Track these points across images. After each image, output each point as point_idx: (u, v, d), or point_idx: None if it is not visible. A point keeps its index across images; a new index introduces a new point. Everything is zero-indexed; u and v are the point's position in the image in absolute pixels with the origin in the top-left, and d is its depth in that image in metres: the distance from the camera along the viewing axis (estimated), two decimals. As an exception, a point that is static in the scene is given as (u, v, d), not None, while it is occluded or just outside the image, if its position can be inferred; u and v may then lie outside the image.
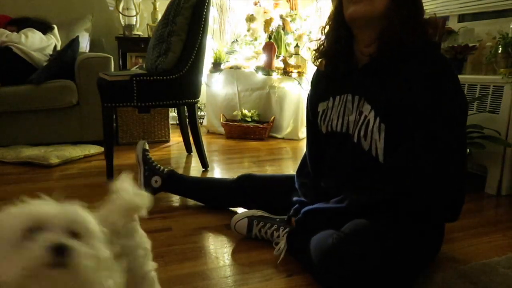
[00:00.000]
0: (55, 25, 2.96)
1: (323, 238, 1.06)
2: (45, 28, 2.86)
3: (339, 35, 1.15)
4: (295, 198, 1.33)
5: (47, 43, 2.80)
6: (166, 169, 1.72)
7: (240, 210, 1.56)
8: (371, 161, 1.10)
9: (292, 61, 3.30)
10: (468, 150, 1.87)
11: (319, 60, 1.23)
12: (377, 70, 1.10)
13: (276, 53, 3.24)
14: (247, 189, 1.52)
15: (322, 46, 1.21)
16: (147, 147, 1.78)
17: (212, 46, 3.47)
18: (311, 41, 3.27)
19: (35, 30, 2.75)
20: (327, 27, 1.19)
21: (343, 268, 0.98)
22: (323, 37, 1.21)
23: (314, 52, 1.24)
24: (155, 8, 3.38)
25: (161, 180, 1.68)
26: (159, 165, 1.73)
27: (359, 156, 1.13)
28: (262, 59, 3.28)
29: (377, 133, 1.07)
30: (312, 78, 1.34)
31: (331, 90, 1.21)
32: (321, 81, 1.28)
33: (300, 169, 1.41)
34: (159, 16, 3.14)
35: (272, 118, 3.18)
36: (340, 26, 1.14)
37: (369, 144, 1.10)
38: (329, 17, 1.19)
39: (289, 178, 1.45)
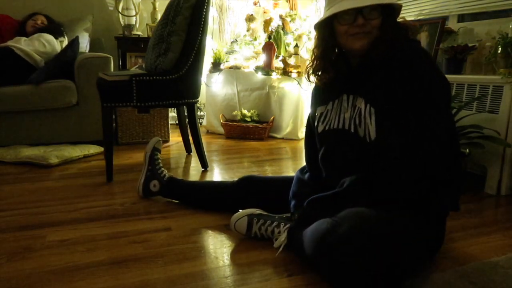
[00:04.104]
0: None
1: (319, 223, 1.08)
2: (59, 33, 2.88)
3: (333, 54, 1.26)
4: (291, 194, 1.35)
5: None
6: (167, 175, 1.72)
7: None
8: (367, 147, 1.15)
9: (291, 61, 3.30)
10: (467, 150, 1.87)
11: (316, 76, 1.31)
12: (368, 69, 1.19)
13: (275, 53, 3.24)
14: (249, 191, 1.51)
15: (316, 65, 1.29)
16: (160, 146, 1.78)
17: (211, 46, 3.47)
18: (310, 40, 3.27)
19: (54, 40, 2.78)
20: (318, 49, 1.27)
21: (336, 252, 0.99)
22: (314, 58, 1.29)
23: (310, 71, 1.31)
24: (154, 8, 3.38)
25: (159, 185, 1.70)
26: (162, 169, 1.73)
27: (356, 144, 1.18)
28: (262, 59, 3.28)
29: (369, 117, 1.14)
30: (312, 93, 1.40)
31: (331, 96, 1.29)
32: (321, 92, 1.34)
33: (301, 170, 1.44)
34: (159, 16, 3.14)
35: (272, 118, 3.18)
36: (333, 46, 1.24)
37: (363, 130, 1.16)
38: (320, 41, 1.26)
39: (291, 180, 1.44)
